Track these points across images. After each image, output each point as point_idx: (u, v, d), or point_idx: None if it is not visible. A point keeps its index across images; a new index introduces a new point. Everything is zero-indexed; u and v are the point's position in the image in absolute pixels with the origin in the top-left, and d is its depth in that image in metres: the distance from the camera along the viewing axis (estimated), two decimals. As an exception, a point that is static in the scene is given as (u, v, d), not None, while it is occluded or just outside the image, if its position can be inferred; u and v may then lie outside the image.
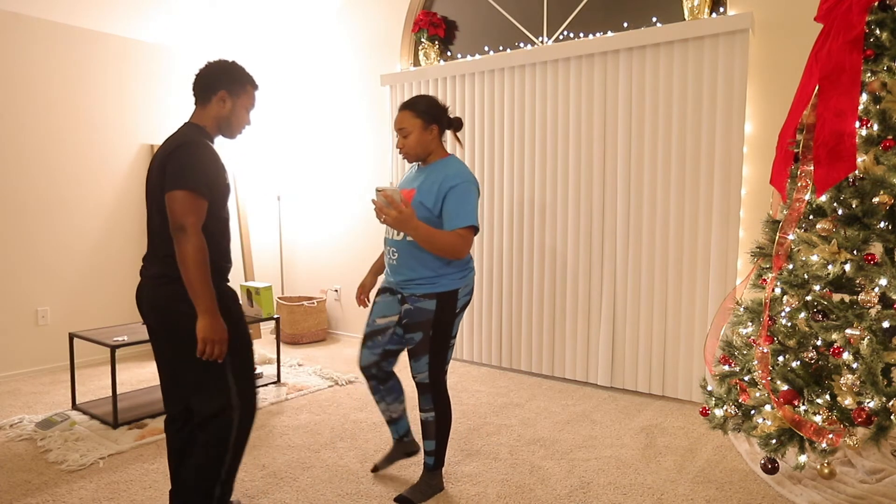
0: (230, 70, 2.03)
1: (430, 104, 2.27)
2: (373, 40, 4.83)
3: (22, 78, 3.94)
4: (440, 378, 2.30)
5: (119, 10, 4.16)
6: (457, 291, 2.26)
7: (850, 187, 2.29)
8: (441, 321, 2.24)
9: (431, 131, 2.26)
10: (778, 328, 2.43)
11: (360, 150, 4.99)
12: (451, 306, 2.25)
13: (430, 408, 2.30)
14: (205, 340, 1.83)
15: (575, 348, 3.87)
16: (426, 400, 2.30)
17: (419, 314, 2.23)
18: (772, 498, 2.36)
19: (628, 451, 2.82)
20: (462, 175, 2.21)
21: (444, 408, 2.32)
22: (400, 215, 2.03)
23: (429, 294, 2.22)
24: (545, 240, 3.96)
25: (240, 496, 2.40)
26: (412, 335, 2.26)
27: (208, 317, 1.83)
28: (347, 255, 5.15)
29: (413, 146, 2.25)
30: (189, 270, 1.82)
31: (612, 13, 3.79)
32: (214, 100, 2.01)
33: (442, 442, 2.36)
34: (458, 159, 2.30)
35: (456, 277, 2.26)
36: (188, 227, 1.81)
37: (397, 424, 2.54)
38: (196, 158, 1.88)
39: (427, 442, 2.36)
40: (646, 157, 3.53)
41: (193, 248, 1.82)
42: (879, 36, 2.30)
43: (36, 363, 4.07)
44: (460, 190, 2.17)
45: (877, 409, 2.04)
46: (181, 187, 1.83)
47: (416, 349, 2.26)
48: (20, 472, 2.58)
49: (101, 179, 4.34)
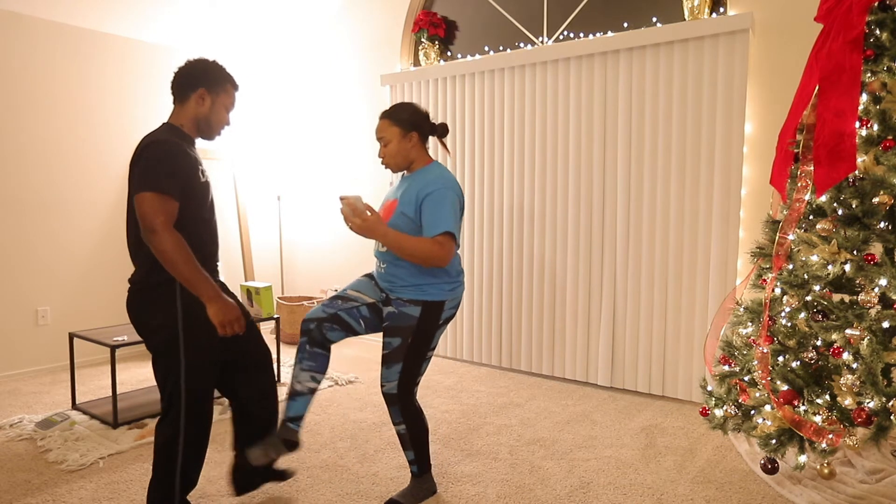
0: (209, 68, 2.00)
1: (409, 111, 2.23)
2: (373, 40, 4.83)
3: (22, 78, 3.94)
4: (409, 390, 2.23)
5: (119, 10, 4.16)
6: (443, 303, 2.21)
7: (850, 187, 2.29)
8: (422, 330, 2.19)
9: (411, 139, 2.22)
10: (778, 328, 2.43)
11: (360, 151, 4.99)
12: (435, 317, 2.20)
13: (399, 420, 2.24)
14: (221, 324, 1.86)
15: (575, 348, 3.88)
16: (395, 413, 2.24)
17: (402, 319, 2.18)
18: (772, 498, 2.36)
19: (628, 451, 2.82)
20: (439, 181, 2.15)
21: (415, 418, 2.26)
22: (364, 223, 2.01)
23: (415, 300, 2.18)
24: (545, 240, 3.96)
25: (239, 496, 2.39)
26: (390, 339, 2.20)
27: (214, 303, 1.85)
28: (347, 255, 5.15)
29: (393, 155, 2.23)
30: (177, 267, 1.80)
31: (612, 13, 3.80)
32: (193, 98, 1.98)
33: (421, 449, 2.30)
34: (440, 165, 2.26)
35: (444, 288, 2.21)
36: (158, 226, 1.78)
37: (295, 402, 2.23)
38: (162, 158, 1.84)
39: (406, 452, 2.31)
40: (646, 157, 3.54)
41: (171, 245, 1.79)
42: (879, 36, 2.30)
43: (36, 363, 4.07)
44: (436, 196, 2.12)
45: (877, 409, 2.04)
46: (148, 189, 1.79)
47: (391, 355, 2.20)
48: (20, 472, 2.58)
49: (101, 179, 4.34)
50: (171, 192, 1.83)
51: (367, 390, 3.72)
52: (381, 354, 2.37)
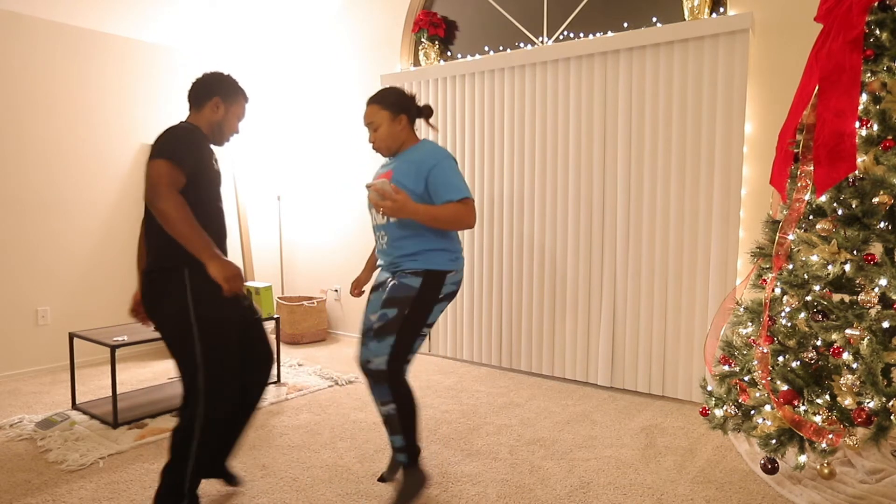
0: (225, 80, 2.19)
1: (395, 94, 2.27)
2: (373, 40, 4.83)
3: (22, 78, 3.94)
4: (399, 367, 2.17)
5: (119, 10, 4.16)
6: (444, 274, 2.21)
7: (850, 187, 2.29)
8: (421, 300, 2.17)
9: (400, 121, 2.27)
10: (778, 328, 2.43)
11: (360, 151, 4.99)
12: (436, 288, 2.19)
13: (388, 400, 2.17)
14: (224, 280, 1.90)
15: (575, 348, 3.88)
16: (383, 392, 2.16)
17: (401, 289, 2.17)
18: (772, 498, 2.36)
19: (628, 451, 2.82)
20: (438, 152, 2.22)
21: (405, 397, 2.18)
22: (395, 203, 2.05)
23: (416, 271, 2.19)
24: (545, 239, 3.96)
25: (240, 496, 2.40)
26: (386, 311, 2.17)
27: (214, 261, 1.90)
28: (347, 255, 5.15)
29: (384, 138, 2.27)
30: (176, 227, 1.86)
31: (612, 13, 3.80)
32: (209, 105, 2.15)
33: (409, 434, 2.21)
34: (430, 141, 2.31)
35: (445, 258, 2.22)
36: (161, 188, 1.85)
37: None
38: (181, 136, 1.98)
39: (393, 438, 2.22)
40: (646, 157, 3.54)
41: (172, 205, 1.85)
42: (879, 36, 2.30)
43: (36, 363, 4.07)
44: (443, 166, 2.18)
45: (877, 409, 2.04)
46: (158, 156, 1.90)
47: (384, 327, 2.15)
48: (20, 472, 2.58)
49: (101, 179, 4.34)
50: (182, 166, 1.92)
51: (367, 390, 3.72)
52: None
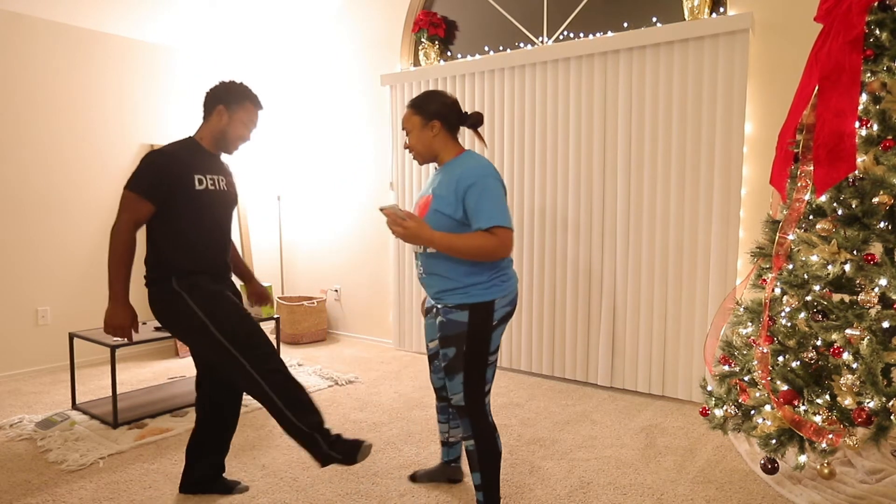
0: (231, 87, 2.22)
1: (431, 99, 2.09)
2: (373, 40, 4.83)
3: (22, 78, 3.94)
4: (478, 400, 2.06)
5: (119, 10, 4.16)
6: (492, 302, 2.01)
7: (850, 187, 2.29)
8: (475, 334, 2.01)
9: (432, 128, 2.07)
10: (778, 328, 2.43)
11: (360, 151, 4.99)
12: (486, 318, 2.01)
13: (469, 435, 2.07)
14: (106, 324, 2.08)
15: (575, 348, 3.87)
16: (465, 426, 2.07)
17: (451, 327, 2.02)
18: (772, 498, 2.36)
19: (628, 451, 2.82)
20: (476, 170, 1.98)
21: (487, 435, 2.06)
22: (406, 231, 1.92)
23: (461, 305, 2.00)
24: (545, 240, 3.96)
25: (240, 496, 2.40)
26: (446, 350, 2.04)
27: (112, 304, 2.07)
28: (347, 255, 5.15)
29: (414, 145, 2.11)
30: (109, 256, 2.05)
31: (612, 13, 3.80)
32: (214, 113, 2.21)
33: (490, 476, 2.07)
34: (473, 154, 2.08)
35: (487, 286, 2.01)
36: (120, 221, 2.05)
37: (450, 448, 2.46)
38: (149, 163, 2.08)
39: (473, 475, 2.10)
40: (646, 157, 3.54)
41: (116, 239, 2.04)
42: (879, 36, 2.30)
43: (36, 363, 4.07)
44: (479, 187, 1.95)
45: (877, 409, 2.04)
46: (125, 186, 2.08)
47: (450, 366, 2.04)
48: (20, 472, 2.58)
49: (101, 179, 4.34)
50: (146, 195, 2.06)
51: (367, 390, 3.72)
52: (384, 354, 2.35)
